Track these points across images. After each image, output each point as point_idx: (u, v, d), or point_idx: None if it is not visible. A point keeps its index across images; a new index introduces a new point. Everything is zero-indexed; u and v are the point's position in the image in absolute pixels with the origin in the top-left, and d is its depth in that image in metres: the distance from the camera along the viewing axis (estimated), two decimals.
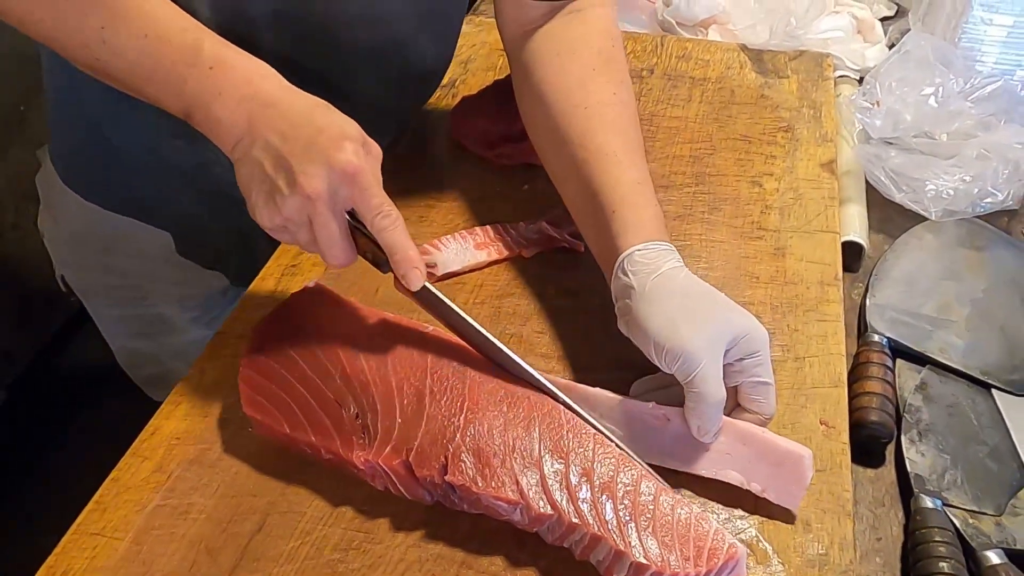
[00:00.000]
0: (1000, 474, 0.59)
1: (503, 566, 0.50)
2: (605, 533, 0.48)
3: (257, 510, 0.54)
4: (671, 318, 0.54)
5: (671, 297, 0.55)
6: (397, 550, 0.51)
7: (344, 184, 0.51)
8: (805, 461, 0.52)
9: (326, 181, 0.50)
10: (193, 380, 0.62)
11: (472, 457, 0.51)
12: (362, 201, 0.52)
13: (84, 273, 0.86)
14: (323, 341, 0.59)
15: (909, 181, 0.78)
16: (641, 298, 0.56)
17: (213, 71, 0.53)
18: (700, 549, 0.47)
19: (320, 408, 0.56)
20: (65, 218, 0.83)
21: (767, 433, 0.54)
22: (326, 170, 0.50)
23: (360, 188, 0.51)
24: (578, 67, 0.66)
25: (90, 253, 0.84)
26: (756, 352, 0.53)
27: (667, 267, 0.57)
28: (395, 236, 0.52)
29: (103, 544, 0.52)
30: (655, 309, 0.55)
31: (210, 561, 0.51)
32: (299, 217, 0.52)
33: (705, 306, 0.55)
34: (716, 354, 0.52)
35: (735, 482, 0.53)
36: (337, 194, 0.51)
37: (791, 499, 0.52)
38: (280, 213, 0.52)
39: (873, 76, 0.79)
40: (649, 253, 0.57)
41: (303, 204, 0.51)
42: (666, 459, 0.55)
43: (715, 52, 0.96)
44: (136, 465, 0.56)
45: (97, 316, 0.91)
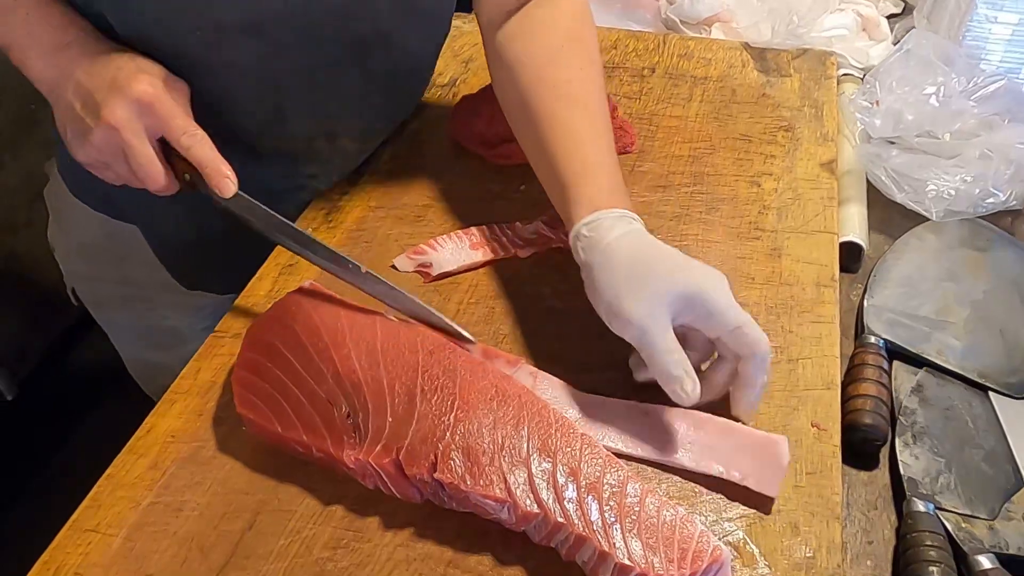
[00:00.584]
0: (995, 478, 0.59)
1: (490, 565, 0.51)
2: (590, 534, 0.48)
3: (249, 508, 0.54)
4: (616, 290, 0.55)
5: (618, 268, 0.56)
6: (386, 549, 0.52)
7: (145, 112, 0.55)
8: (780, 447, 0.53)
9: (126, 110, 0.54)
10: (188, 379, 0.63)
11: (461, 455, 0.51)
12: (165, 126, 0.56)
13: (95, 284, 0.87)
14: (316, 341, 0.59)
15: (910, 181, 0.77)
16: (592, 271, 0.58)
17: (30, 18, 0.57)
18: (685, 551, 0.47)
19: (312, 407, 0.56)
20: (75, 229, 0.84)
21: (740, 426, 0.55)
22: (125, 100, 0.54)
23: (160, 114, 0.55)
24: (546, 46, 0.67)
25: (100, 264, 0.84)
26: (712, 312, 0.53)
27: (613, 237, 0.57)
28: (202, 152, 0.56)
29: (97, 540, 0.53)
30: (603, 282, 0.56)
31: (201, 558, 0.52)
32: (110, 148, 0.56)
33: (648, 272, 0.55)
34: (660, 318, 0.53)
35: (717, 473, 0.53)
36: (140, 121, 0.55)
37: (770, 485, 0.52)
38: (93, 146, 0.56)
39: (873, 75, 0.78)
40: (597, 224, 0.58)
41: (109, 134, 0.55)
42: (651, 453, 0.55)
43: (717, 51, 0.96)
44: (131, 463, 0.57)
45: (108, 327, 0.91)
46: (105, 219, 0.80)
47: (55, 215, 0.86)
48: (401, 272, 0.70)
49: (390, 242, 0.73)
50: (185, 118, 0.56)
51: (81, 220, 0.81)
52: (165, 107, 0.55)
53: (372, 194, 0.79)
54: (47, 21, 0.58)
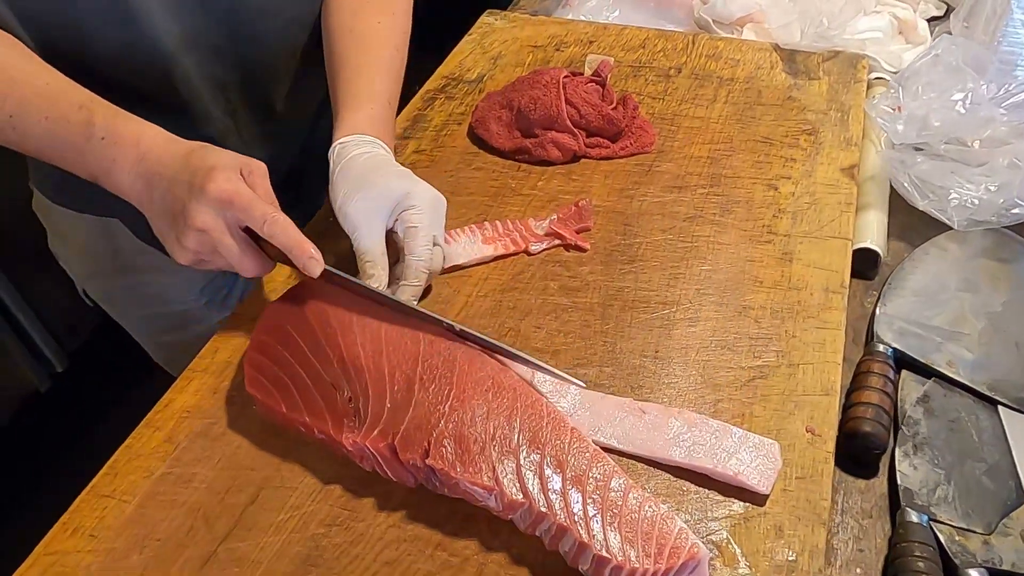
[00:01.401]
0: (995, 492, 0.58)
1: (476, 550, 0.52)
2: (571, 524, 0.49)
3: (253, 483, 0.57)
4: (346, 194, 0.64)
5: (351, 177, 0.65)
6: (378, 528, 0.54)
7: (226, 209, 0.57)
8: (773, 449, 0.55)
9: (209, 212, 0.57)
10: (206, 358, 0.66)
11: (453, 443, 0.53)
12: (247, 218, 0.58)
13: (101, 281, 0.91)
14: (325, 327, 0.62)
15: (934, 189, 0.76)
16: (333, 177, 0.66)
17: (105, 141, 0.60)
18: (662, 547, 0.48)
19: (316, 391, 0.58)
20: (68, 234, 0.88)
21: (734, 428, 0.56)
22: (206, 203, 0.57)
23: (240, 208, 0.57)
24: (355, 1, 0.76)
25: (98, 261, 0.88)
26: (412, 206, 0.63)
27: (357, 152, 0.66)
28: (286, 237, 0.58)
29: (112, 506, 0.56)
30: (338, 186, 0.65)
31: (206, 528, 0.55)
32: (205, 248, 0.59)
33: (373, 180, 0.64)
34: (373, 218, 0.62)
35: (711, 466, 0.54)
36: (223, 219, 0.57)
37: (763, 482, 0.53)
38: (189, 249, 0.58)
39: (897, 80, 0.77)
40: (348, 142, 0.66)
41: (199, 237, 0.58)
42: (643, 450, 0.56)
43: (747, 52, 0.95)
44: (148, 435, 0.60)
45: (122, 320, 0.95)
46: (90, 218, 0.83)
47: (48, 225, 0.90)
48: None
49: None
50: (263, 206, 0.58)
51: (70, 224, 0.85)
52: (243, 200, 0.57)
53: None
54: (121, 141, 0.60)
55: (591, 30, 1.01)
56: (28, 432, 1.50)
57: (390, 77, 0.73)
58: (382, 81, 0.72)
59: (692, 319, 0.66)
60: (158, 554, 0.53)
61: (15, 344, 1.51)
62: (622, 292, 0.68)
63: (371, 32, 0.74)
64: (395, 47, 0.75)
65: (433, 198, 0.65)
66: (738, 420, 0.58)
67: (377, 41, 0.74)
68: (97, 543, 0.54)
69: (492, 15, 1.05)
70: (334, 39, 0.74)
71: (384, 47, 0.74)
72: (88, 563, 0.53)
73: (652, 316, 0.66)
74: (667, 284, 0.69)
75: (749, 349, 0.63)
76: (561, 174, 0.81)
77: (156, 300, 0.89)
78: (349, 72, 0.71)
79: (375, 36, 0.74)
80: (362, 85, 0.70)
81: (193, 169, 0.58)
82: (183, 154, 0.59)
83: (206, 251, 0.59)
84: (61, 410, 1.56)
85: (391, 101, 0.72)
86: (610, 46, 0.98)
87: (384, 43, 0.74)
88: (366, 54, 0.72)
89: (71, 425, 1.53)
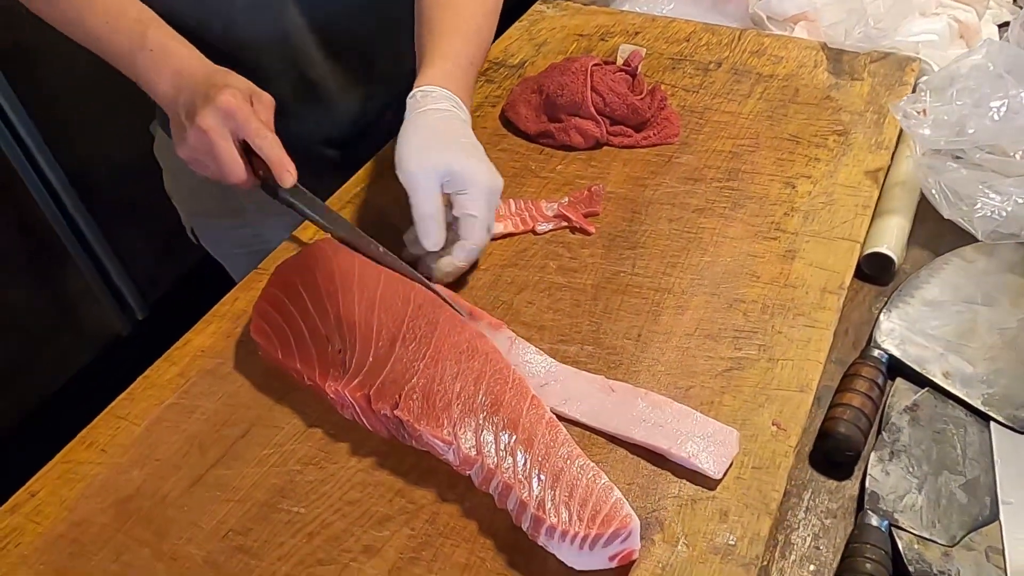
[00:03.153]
0: (967, 507, 0.57)
1: (432, 500, 0.56)
2: (515, 483, 0.52)
3: (247, 419, 0.62)
4: (409, 146, 0.67)
5: (420, 131, 0.67)
6: (348, 471, 0.58)
7: (228, 118, 0.66)
8: (731, 436, 0.56)
9: (213, 116, 0.66)
10: (227, 305, 0.72)
11: (421, 398, 0.57)
12: (242, 129, 0.66)
13: (208, 221, 1.00)
14: (329, 284, 0.66)
15: (962, 198, 0.73)
16: (404, 128, 0.68)
17: (152, 54, 0.71)
18: (596, 513, 0.50)
19: (311, 341, 0.63)
20: (183, 176, 0.96)
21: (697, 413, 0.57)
22: (213, 108, 0.66)
23: (239, 120, 0.66)
24: None
25: (209, 202, 0.96)
26: (464, 190, 0.65)
27: (433, 107, 0.68)
28: (271, 150, 0.67)
29: (124, 427, 0.63)
30: (405, 138, 0.67)
31: (199, 454, 0.60)
32: (201, 147, 0.67)
33: (438, 142, 0.67)
34: (430, 179, 0.65)
35: (663, 451, 0.56)
36: (224, 126, 0.66)
37: (716, 467, 0.54)
38: (189, 145, 0.68)
39: (925, 83, 0.75)
40: (428, 93, 0.69)
41: (200, 135, 0.66)
42: (606, 425, 0.58)
43: (792, 49, 0.94)
44: (165, 368, 0.67)
45: (225, 260, 1.04)
46: None
47: (166, 167, 0.99)
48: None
49: None
50: (258, 123, 0.67)
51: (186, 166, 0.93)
52: (243, 114, 0.66)
53: None
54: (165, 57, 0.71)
55: (639, 21, 1.02)
56: (108, 370, 1.63)
57: (475, 41, 0.76)
58: (467, 43, 0.75)
59: (681, 307, 0.67)
60: (155, 472, 0.59)
61: (102, 291, 1.65)
62: (617, 276, 0.70)
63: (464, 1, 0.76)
64: (484, 14, 0.77)
65: (490, 186, 0.66)
66: (706, 407, 0.59)
67: (467, 7, 0.76)
68: (106, 457, 0.61)
69: (545, 3, 1.07)
70: (424, 6, 0.76)
71: (474, 15, 0.76)
72: (96, 473, 0.60)
73: (642, 301, 0.67)
74: (663, 272, 0.70)
75: (732, 341, 0.64)
76: (581, 159, 0.83)
77: (257, 240, 0.96)
78: (435, 33, 0.74)
79: (466, 3, 0.76)
80: (446, 43, 0.73)
81: (211, 83, 0.67)
82: (209, 72, 0.70)
83: (202, 150, 0.67)
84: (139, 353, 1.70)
85: (473, 63, 0.75)
86: (655, 38, 0.99)
87: (474, 10, 0.76)
88: (453, 17, 0.75)
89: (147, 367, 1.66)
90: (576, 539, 0.49)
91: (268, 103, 0.70)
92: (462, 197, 0.66)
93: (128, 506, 0.57)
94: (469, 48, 0.74)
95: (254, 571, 0.53)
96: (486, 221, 0.66)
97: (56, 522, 0.57)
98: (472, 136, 0.69)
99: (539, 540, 0.52)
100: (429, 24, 0.75)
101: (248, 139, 0.67)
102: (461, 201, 0.66)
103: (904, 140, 0.83)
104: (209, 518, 0.56)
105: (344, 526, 0.55)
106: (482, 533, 0.54)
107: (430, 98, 0.69)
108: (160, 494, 0.58)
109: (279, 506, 0.56)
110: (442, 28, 0.74)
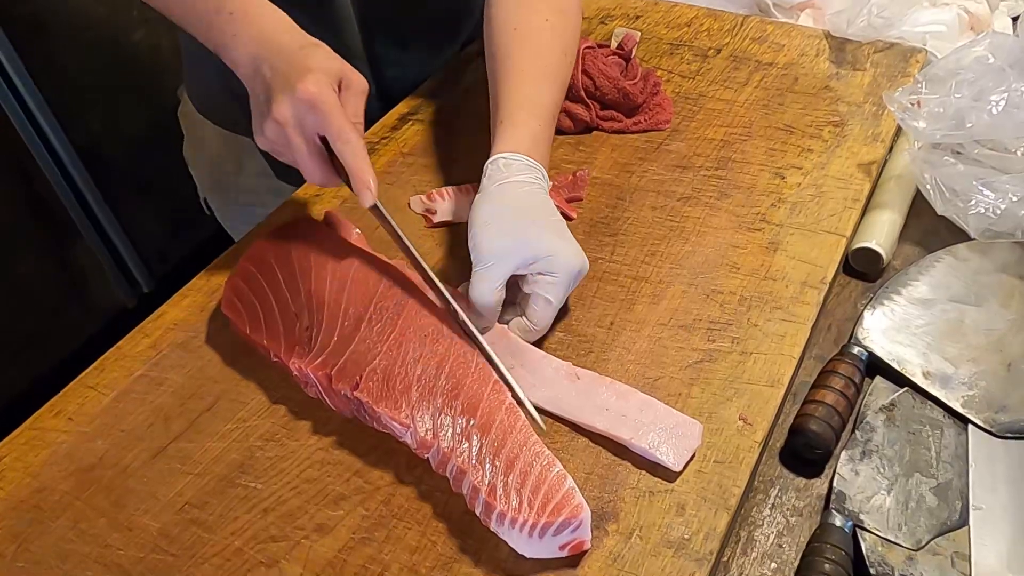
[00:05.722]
0: (936, 511, 0.55)
1: (389, 481, 0.55)
2: (468, 467, 0.51)
3: (213, 393, 0.62)
4: (489, 219, 0.60)
5: (502, 203, 0.61)
6: (308, 449, 0.58)
7: (308, 111, 0.57)
8: (694, 429, 0.54)
9: (291, 108, 0.57)
10: (203, 279, 0.72)
11: (381, 380, 0.56)
12: (324, 126, 0.58)
13: (220, 194, 1.00)
14: (303, 262, 0.66)
15: (956, 194, 0.71)
16: (481, 196, 0.62)
17: (233, 16, 0.62)
18: (547, 501, 0.49)
19: (280, 318, 0.63)
20: (204, 145, 0.97)
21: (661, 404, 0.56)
22: (291, 98, 0.57)
23: (320, 114, 0.57)
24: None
25: (223, 175, 0.97)
26: (553, 272, 0.58)
27: (515, 179, 0.62)
28: (353, 159, 0.58)
29: (93, 396, 0.63)
30: (485, 208, 0.61)
31: (164, 426, 0.60)
32: (278, 139, 0.60)
33: (523, 222, 0.60)
34: (504, 263, 0.58)
35: (624, 441, 0.55)
36: (304, 119, 0.58)
37: (676, 460, 0.53)
38: (266, 136, 0.60)
39: (922, 74, 0.72)
40: (508, 163, 0.63)
41: (276, 128, 0.59)
42: (569, 413, 0.57)
43: (795, 37, 0.92)
44: (138, 340, 0.67)
45: (233, 233, 1.04)
46: (227, 134, 0.91)
47: (188, 133, 0.99)
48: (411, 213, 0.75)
49: (409, 187, 0.78)
50: (341, 120, 0.57)
51: (208, 136, 0.94)
52: (325, 107, 0.57)
53: (408, 142, 0.84)
54: (246, 19, 0.62)
55: (640, 5, 1.00)
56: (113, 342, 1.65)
57: (556, 86, 0.69)
58: (549, 92, 0.68)
59: (657, 296, 0.65)
60: (119, 442, 0.60)
61: (110, 264, 1.67)
62: (595, 263, 0.68)
63: (537, 32, 0.70)
64: (563, 51, 0.71)
65: (575, 270, 0.59)
66: (672, 398, 0.58)
67: (544, 43, 0.69)
68: (73, 425, 0.61)
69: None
70: (496, 33, 0.70)
71: (552, 51, 0.70)
72: (62, 441, 0.60)
73: (618, 289, 0.66)
74: (642, 260, 0.68)
75: (705, 332, 0.62)
76: (570, 143, 0.81)
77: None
78: (514, 77, 0.67)
79: (541, 37, 0.70)
80: (528, 94, 0.67)
81: (295, 63, 0.58)
82: (295, 47, 0.60)
83: (280, 143, 0.59)
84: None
85: (554, 115, 0.69)
86: (656, 22, 0.97)
87: (551, 46, 0.70)
88: (533, 58, 0.68)
89: None
90: (526, 526, 0.49)
91: (359, 90, 0.60)
92: (543, 280, 0.59)
93: (90, 475, 0.58)
94: (551, 98, 0.68)
95: (207, 544, 0.53)
96: (559, 306, 0.60)
97: (19, 487, 0.57)
98: (557, 212, 0.62)
99: (491, 526, 0.51)
100: (504, 63, 0.68)
101: (329, 139, 0.58)
102: (542, 283, 0.59)
103: (904, 133, 0.81)
104: (167, 490, 0.56)
105: (299, 503, 0.55)
106: (436, 517, 0.53)
107: (513, 168, 0.62)
108: (122, 464, 0.58)
109: (237, 481, 0.56)
110: (521, 72, 0.67)
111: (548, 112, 0.67)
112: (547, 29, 0.70)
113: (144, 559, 0.53)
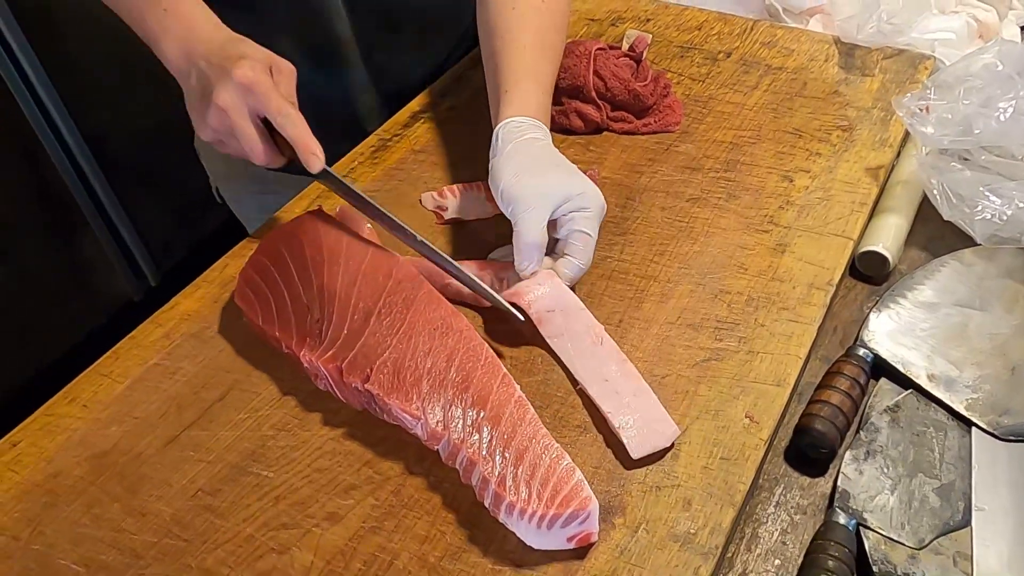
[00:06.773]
0: (939, 511, 0.56)
1: (399, 472, 0.56)
2: (479, 458, 0.52)
3: (225, 383, 0.63)
4: (516, 172, 0.63)
5: (523, 158, 0.65)
6: (319, 439, 0.59)
7: (247, 94, 0.61)
8: (670, 431, 0.55)
9: (231, 93, 0.61)
10: (216, 271, 0.73)
11: (392, 372, 0.57)
12: (263, 106, 0.62)
13: (233, 183, 1.01)
14: (316, 255, 0.66)
15: (962, 199, 0.72)
16: (501, 157, 0.65)
17: (166, 12, 0.66)
18: (556, 493, 0.50)
19: (292, 309, 0.64)
20: None
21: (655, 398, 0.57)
22: (231, 84, 0.61)
23: (258, 95, 0.61)
24: None
25: (236, 165, 0.97)
26: (586, 208, 0.62)
27: (529, 136, 0.66)
28: (295, 131, 0.62)
29: (106, 384, 0.64)
30: (508, 166, 0.64)
31: (177, 414, 0.61)
32: (223, 128, 0.63)
33: (547, 168, 0.64)
34: (543, 205, 0.62)
35: (604, 411, 0.57)
36: (244, 103, 0.62)
37: (639, 448, 0.55)
38: (209, 125, 0.63)
39: (932, 81, 0.73)
40: (519, 124, 0.67)
41: (219, 114, 0.62)
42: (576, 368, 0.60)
43: (804, 42, 0.93)
44: (151, 330, 0.68)
45: (247, 223, 1.05)
46: None
47: None
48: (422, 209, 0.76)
49: (420, 184, 0.79)
50: (279, 99, 0.62)
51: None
52: (262, 88, 0.61)
53: (420, 140, 0.85)
54: (178, 16, 0.66)
55: (652, 8, 1.01)
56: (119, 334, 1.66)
57: (553, 61, 0.74)
58: (548, 65, 0.73)
59: (665, 295, 0.66)
60: (132, 429, 0.60)
61: (117, 257, 1.68)
62: (604, 261, 0.69)
63: (535, 11, 0.74)
64: (557, 28, 0.75)
65: (602, 204, 0.64)
66: (680, 396, 0.59)
67: (545, 23, 0.74)
68: (87, 412, 0.62)
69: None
70: (495, 13, 0.74)
71: (549, 29, 0.74)
72: (76, 427, 0.61)
73: (627, 287, 0.67)
74: (650, 259, 0.69)
75: (713, 331, 0.63)
76: (580, 144, 0.82)
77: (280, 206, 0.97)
78: (516, 50, 0.71)
79: (539, 15, 0.74)
80: (529, 66, 0.71)
81: (226, 54, 0.63)
82: (223, 40, 0.65)
83: (224, 131, 0.63)
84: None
85: (550, 88, 0.73)
86: (666, 25, 0.98)
87: (548, 24, 0.74)
88: (533, 34, 0.72)
89: None
90: (534, 518, 0.49)
91: (288, 73, 0.65)
92: (579, 216, 0.62)
93: (104, 461, 0.59)
94: (549, 70, 0.73)
95: (219, 530, 0.54)
96: (595, 240, 0.63)
97: (34, 472, 0.58)
98: (563, 157, 0.67)
99: (500, 517, 0.52)
100: (503, 37, 0.72)
101: (269, 117, 0.63)
102: (578, 220, 0.62)
103: (912, 139, 0.82)
104: (180, 477, 0.57)
105: (310, 492, 0.55)
106: (445, 507, 0.54)
107: (525, 127, 0.67)
108: (135, 451, 0.59)
109: (249, 469, 0.57)
110: (525, 50, 0.71)
111: (549, 83, 0.72)
112: (545, 10, 0.74)
113: (157, 544, 0.53)
